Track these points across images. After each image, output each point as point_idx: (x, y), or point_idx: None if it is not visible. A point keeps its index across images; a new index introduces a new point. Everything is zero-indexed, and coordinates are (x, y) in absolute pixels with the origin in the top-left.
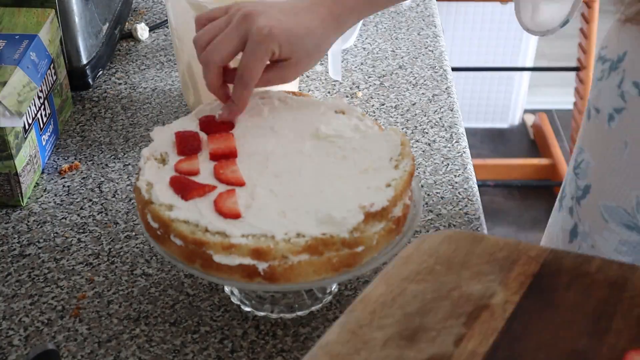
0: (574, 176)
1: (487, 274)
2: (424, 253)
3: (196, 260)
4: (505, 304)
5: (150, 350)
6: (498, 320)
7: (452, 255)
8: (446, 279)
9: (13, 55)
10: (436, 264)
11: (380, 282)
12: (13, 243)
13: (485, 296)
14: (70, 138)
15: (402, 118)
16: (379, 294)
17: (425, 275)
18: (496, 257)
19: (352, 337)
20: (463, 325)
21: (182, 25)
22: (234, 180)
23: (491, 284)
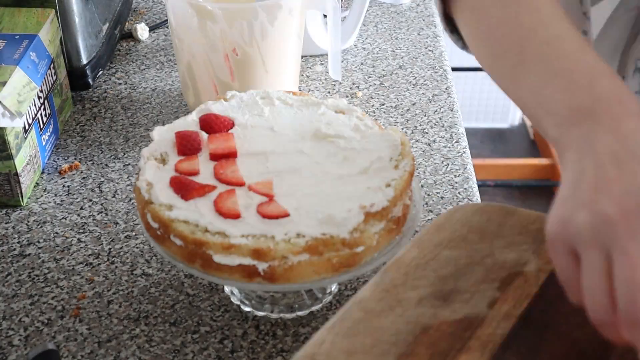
0: None
1: (520, 244)
2: (456, 222)
3: (196, 260)
4: (538, 272)
5: (150, 350)
6: (532, 286)
7: (485, 225)
8: (479, 247)
9: (13, 55)
10: (469, 233)
11: (413, 247)
12: (13, 243)
13: (519, 264)
14: (70, 138)
15: (402, 118)
16: (412, 257)
17: (458, 242)
18: (529, 229)
19: (386, 295)
20: (497, 289)
21: (182, 26)
22: (234, 180)
23: (524, 253)
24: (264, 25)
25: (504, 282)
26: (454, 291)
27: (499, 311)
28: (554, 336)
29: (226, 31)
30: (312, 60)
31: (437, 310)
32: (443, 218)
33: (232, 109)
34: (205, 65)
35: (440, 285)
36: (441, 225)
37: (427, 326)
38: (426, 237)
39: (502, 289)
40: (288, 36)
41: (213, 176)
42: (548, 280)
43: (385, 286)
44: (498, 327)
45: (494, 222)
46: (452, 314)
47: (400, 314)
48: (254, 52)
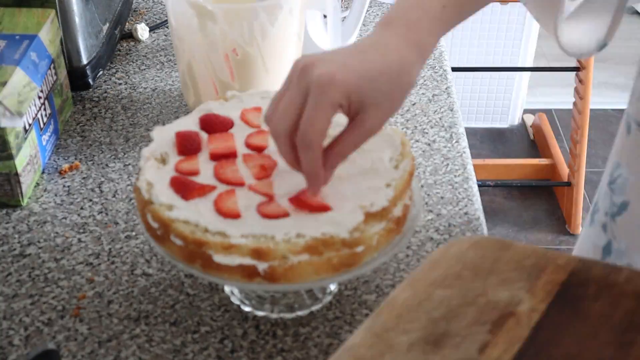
0: (609, 191)
1: (514, 282)
2: (451, 258)
3: (196, 260)
4: (531, 312)
5: (151, 350)
6: (524, 328)
7: (480, 261)
8: (473, 285)
9: (13, 55)
10: (463, 270)
11: (407, 287)
12: (13, 243)
13: (512, 304)
14: (71, 138)
15: (402, 118)
16: (405, 298)
17: (452, 281)
18: (524, 264)
19: (377, 341)
20: (488, 332)
21: (182, 26)
22: (234, 180)
23: (518, 292)
24: (264, 25)
25: (496, 324)
26: (445, 335)
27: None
28: None
29: (226, 31)
30: None
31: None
32: (438, 254)
33: (232, 108)
34: (206, 65)
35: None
36: (436, 262)
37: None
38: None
39: (493, 332)
40: (288, 36)
41: (213, 176)
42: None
43: (376, 330)
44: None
45: (489, 258)
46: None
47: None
48: (254, 52)
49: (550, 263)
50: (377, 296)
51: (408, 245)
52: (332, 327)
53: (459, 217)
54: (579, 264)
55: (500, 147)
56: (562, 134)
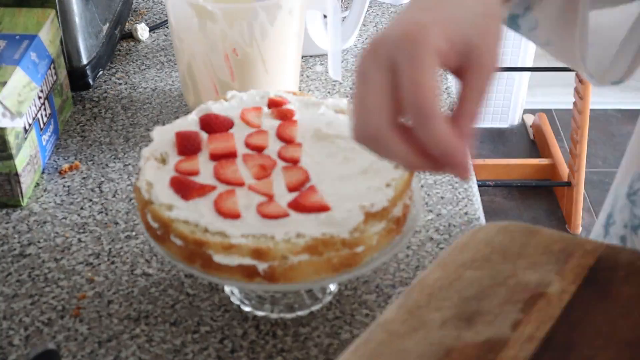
0: (629, 203)
1: (543, 265)
2: (479, 242)
3: (196, 260)
4: (561, 293)
5: (151, 350)
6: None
7: (508, 245)
8: (502, 267)
9: (13, 55)
10: (492, 253)
11: (437, 268)
12: (13, 243)
13: (542, 285)
14: (71, 138)
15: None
16: (436, 278)
17: (481, 263)
18: (552, 249)
19: (409, 317)
20: (520, 311)
21: (182, 26)
22: (234, 180)
23: (547, 274)
24: (264, 25)
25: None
26: (477, 313)
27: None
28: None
29: (226, 31)
30: (312, 60)
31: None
32: (466, 238)
33: (232, 108)
34: (206, 66)
35: (464, 307)
36: (465, 245)
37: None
38: (450, 258)
39: (525, 311)
40: (288, 36)
41: (213, 176)
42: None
43: (409, 307)
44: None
45: (517, 242)
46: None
47: (424, 335)
48: (254, 52)
49: (578, 248)
50: (377, 296)
51: (408, 245)
52: (332, 327)
53: (459, 217)
54: (606, 250)
55: (500, 147)
56: (562, 134)
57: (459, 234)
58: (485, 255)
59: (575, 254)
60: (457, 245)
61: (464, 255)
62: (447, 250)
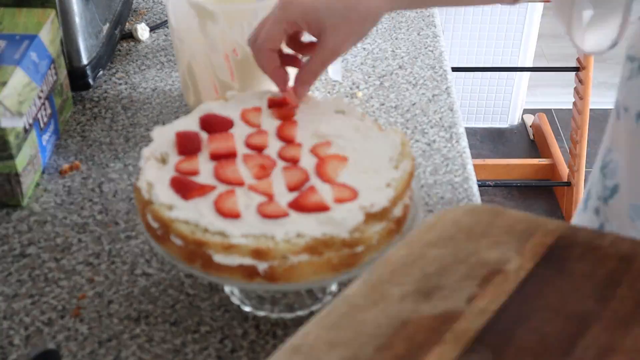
0: (601, 176)
1: (504, 243)
2: (446, 222)
3: (196, 260)
4: (518, 270)
5: (151, 350)
6: (510, 283)
7: (474, 225)
8: (465, 246)
9: (13, 55)
10: (457, 233)
11: (402, 246)
12: (14, 243)
13: (501, 262)
14: (71, 138)
15: (402, 118)
16: (400, 256)
17: (446, 242)
18: (515, 228)
19: (371, 291)
20: (477, 286)
21: (182, 26)
22: (234, 180)
23: (507, 252)
24: None
25: (484, 279)
26: (436, 288)
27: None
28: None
29: (226, 31)
30: None
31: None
32: (435, 218)
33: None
34: (206, 66)
35: (424, 282)
36: (432, 226)
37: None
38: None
39: (481, 286)
40: None
41: (213, 176)
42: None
43: (372, 282)
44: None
45: (483, 223)
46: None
47: (383, 309)
48: None
49: (540, 228)
50: None
51: None
52: None
53: None
54: (566, 229)
55: (500, 147)
56: (562, 134)
57: None
58: (451, 235)
59: (536, 233)
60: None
61: (430, 235)
62: (415, 229)
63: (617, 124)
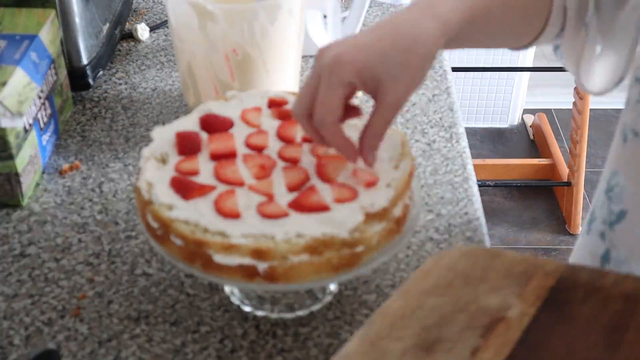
0: (607, 200)
1: (504, 288)
2: (442, 268)
3: (196, 260)
4: (521, 316)
5: (151, 350)
6: (514, 332)
7: (470, 270)
8: (464, 293)
9: (14, 55)
10: (455, 279)
11: (399, 296)
12: (14, 243)
13: (502, 309)
14: (71, 138)
15: (402, 118)
16: (398, 307)
17: (444, 289)
18: (513, 271)
19: (371, 349)
20: (480, 337)
21: (182, 26)
22: (234, 180)
23: (508, 297)
24: (264, 25)
25: (487, 328)
26: (438, 340)
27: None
28: None
29: (226, 31)
30: (312, 60)
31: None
32: (430, 264)
33: (232, 108)
34: (206, 66)
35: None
36: (428, 272)
37: None
38: (412, 285)
39: (484, 336)
40: (288, 36)
41: (213, 176)
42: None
43: (370, 338)
44: None
45: (479, 266)
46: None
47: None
48: (254, 52)
49: (539, 270)
50: (377, 296)
51: (408, 245)
52: (332, 327)
53: (459, 217)
54: (566, 270)
55: (500, 147)
56: (562, 134)
57: (459, 234)
58: (448, 281)
59: (536, 276)
60: (421, 272)
61: (427, 282)
62: (410, 277)
63: (623, 147)
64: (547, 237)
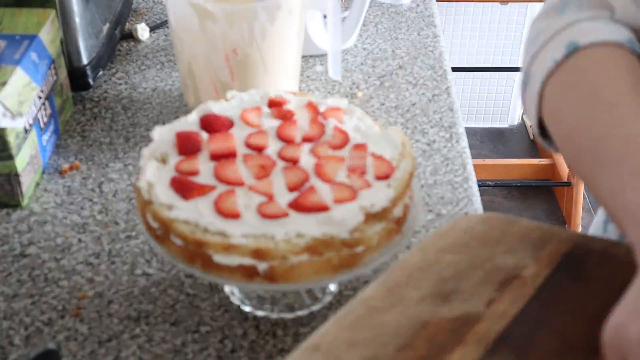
0: None
1: (519, 250)
2: (460, 229)
3: (196, 260)
4: (536, 275)
5: (151, 350)
6: (528, 288)
7: (488, 233)
8: (480, 252)
9: (14, 55)
10: (472, 239)
11: (417, 251)
12: (14, 243)
13: (518, 268)
14: (71, 138)
15: (402, 118)
16: (416, 261)
17: (461, 248)
18: (530, 237)
19: (389, 294)
20: (495, 291)
21: (182, 26)
22: (234, 180)
23: (523, 259)
24: (264, 25)
25: (502, 284)
26: (454, 292)
27: (496, 310)
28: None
29: (226, 31)
30: (312, 60)
31: (437, 308)
32: (448, 226)
33: (232, 108)
34: (206, 66)
35: (441, 286)
36: (446, 232)
37: (427, 322)
38: (430, 243)
39: (499, 290)
40: (288, 36)
41: (213, 176)
42: (544, 284)
43: (388, 285)
44: (494, 324)
45: (496, 230)
46: (451, 311)
47: (402, 310)
48: (254, 52)
49: (555, 236)
50: None
51: (408, 245)
52: None
53: (459, 217)
54: (581, 238)
55: (500, 147)
56: None
57: None
58: (465, 242)
59: (551, 241)
60: (439, 232)
61: (445, 241)
62: (428, 236)
63: None
64: None
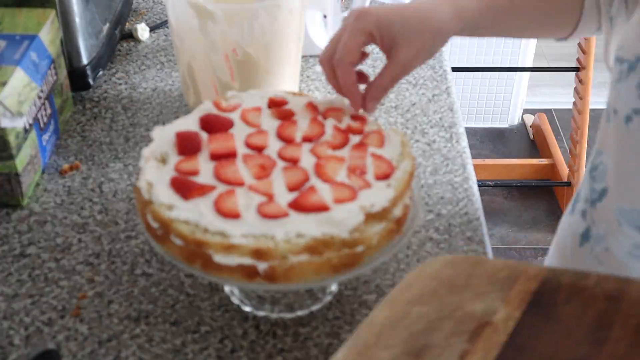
0: (590, 179)
1: (488, 294)
2: (426, 277)
3: (196, 260)
4: (507, 320)
5: (151, 350)
6: (500, 335)
7: (454, 278)
8: (449, 300)
9: (14, 55)
10: (439, 287)
11: (385, 306)
12: (14, 243)
13: (488, 314)
14: (71, 138)
15: (402, 118)
16: (384, 317)
17: (428, 298)
18: (497, 277)
19: (359, 358)
20: (467, 342)
21: (182, 26)
22: (234, 180)
23: (493, 302)
24: (264, 25)
25: (474, 333)
26: (426, 347)
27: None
28: None
29: (226, 31)
30: (312, 60)
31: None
32: (414, 274)
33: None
34: (206, 66)
35: (412, 343)
36: (412, 282)
37: None
38: (398, 295)
39: (471, 341)
40: (288, 36)
41: (213, 176)
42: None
43: (358, 348)
44: None
45: (463, 274)
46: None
47: None
48: (254, 52)
49: (522, 274)
50: (377, 296)
51: (408, 245)
52: (332, 327)
53: (459, 217)
54: (549, 273)
55: (500, 147)
56: (562, 134)
57: (458, 234)
58: (432, 290)
59: (519, 280)
60: (404, 283)
61: (412, 292)
62: (395, 288)
63: (607, 126)
64: (547, 237)
